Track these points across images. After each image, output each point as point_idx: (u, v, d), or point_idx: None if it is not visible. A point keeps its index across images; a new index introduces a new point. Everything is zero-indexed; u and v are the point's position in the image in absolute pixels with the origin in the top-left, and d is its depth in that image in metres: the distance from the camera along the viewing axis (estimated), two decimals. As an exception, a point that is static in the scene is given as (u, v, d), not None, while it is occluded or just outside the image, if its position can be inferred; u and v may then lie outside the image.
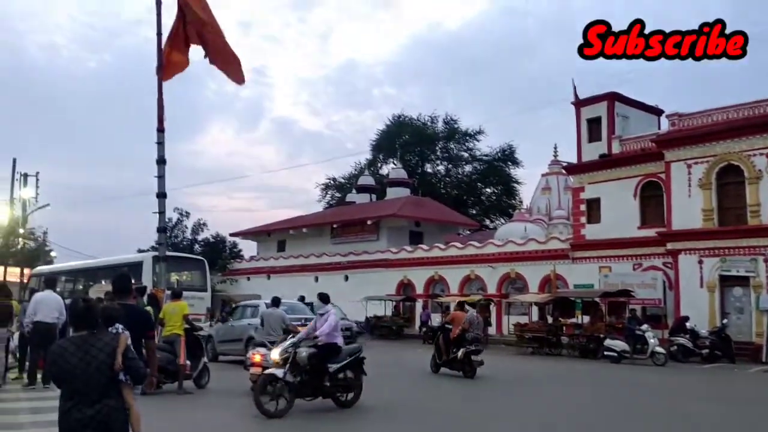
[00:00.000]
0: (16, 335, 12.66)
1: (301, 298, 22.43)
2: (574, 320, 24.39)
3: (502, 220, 50.61)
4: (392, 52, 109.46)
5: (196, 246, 46.01)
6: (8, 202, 34.60)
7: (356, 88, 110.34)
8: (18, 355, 12.71)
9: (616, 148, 27.74)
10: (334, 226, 42.22)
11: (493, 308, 30.08)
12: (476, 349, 14.59)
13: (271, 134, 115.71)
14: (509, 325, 26.49)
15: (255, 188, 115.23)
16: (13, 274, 33.72)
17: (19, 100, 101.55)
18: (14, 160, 33.60)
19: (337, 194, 58.11)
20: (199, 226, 48.55)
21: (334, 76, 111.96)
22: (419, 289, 34.44)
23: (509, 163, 55.80)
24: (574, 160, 30.25)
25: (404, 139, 55.68)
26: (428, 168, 58.42)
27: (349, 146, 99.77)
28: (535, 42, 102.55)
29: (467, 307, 17.55)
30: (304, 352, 9.62)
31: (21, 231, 37.79)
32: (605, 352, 19.68)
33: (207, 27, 14.08)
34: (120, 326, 5.53)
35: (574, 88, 29.68)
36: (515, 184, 55.37)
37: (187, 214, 48.08)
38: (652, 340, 19.19)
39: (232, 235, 48.63)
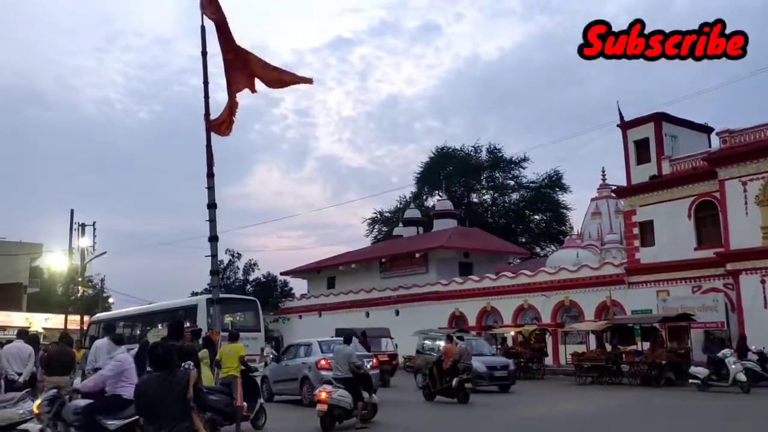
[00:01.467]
0: (78, 380, 12.95)
1: (363, 333, 23.04)
2: (633, 347, 23.67)
3: (553, 247, 49.83)
4: (432, 85, 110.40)
5: (248, 286, 46.56)
6: (67, 251, 35.72)
7: (398, 123, 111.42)
8: (81, 402, 12.96)
9: (666, 169, 27.17)
10: (383, 260, 42.21)
11: (548, 338, 29.44)
12: (468, 378, 16.36)
13: (316, 172, 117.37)
14: (566, 355, 25.86)
15: (302, 226, 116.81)
16: (74, 321, 34.64)
17: (76, 153, 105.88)
18: (72, 211, 34.78)
19: (384, 228, 58.23)
20: (250, 267, 49.20)
21: (376, 112, 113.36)
22: (471, 321, 34.01)
23: (557, 189, 55.11)
24: (623, 183, 29.73)
25: (448, 170, 55.65)
26: (474, 198, 58.17)
27: (393, 180, 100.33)
28: (575, 67, 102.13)
29: (456, 340, 19.14)
30: (74, 403, 8.15)
31: (80, 279, 38.93)
32: (690, 380, 18.97)
33: (250, 57, 14.50)
34: (191, 363, 7.25)
35: (619, 110, 29.35)
36: (564, 210, 54.58)
37: (239, 255, 48.84)
38: (733, 366, 18.16)
39: (282, 273, 49.11)
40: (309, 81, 15.35)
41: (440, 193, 52.51)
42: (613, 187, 32.96)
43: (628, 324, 24.55)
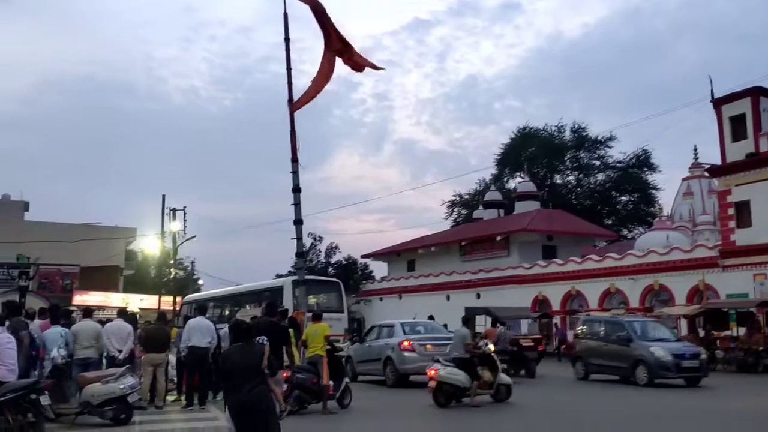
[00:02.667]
0: (174, 359, 13.55)
1: (430, 318, 22.54)
2: (728, 333, 22.63)
3: (641, 230, 48.11)
4: (513, 65, 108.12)
5: (330, 269, 47.43)
6: (159, 235, 37.34)
7: (477, 104, 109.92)
8: (176, 379, 13.57)
9: (764, 146, 25.67)
10: (463, 243, 41.93)
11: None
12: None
13: (395, 156, 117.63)
14: (656, 340, 24.96)
15: (381, 210, 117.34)
16: (167, 302, 36.23)
17: (166, 141, 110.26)
18: (163, 197, 36.25)
19: (464, 211, 57.78)
20: (331, 250, 50.18)
21: (455, 94, 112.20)
22: (555, 306, 33.37)
23: (645, 169, 53.03)
24: (717, 161, 28.30)
25: (530, 151, 54.53)
26: (557, 179, 56.81)
27: (472, 162, 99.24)
28: (665, 42, 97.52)
29: (498, 325, 19.63)
30: None
31: (171, 262, 40.67)
32: None
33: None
34: (264, 338, 8.37)
35: (712, 85, 27.89)
36: (653, 191, 52.46)
37: (321, 239, 49.87)
38: None
39: (363, 256, 49.68)
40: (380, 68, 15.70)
41: (522, 175, 51.58)
42: (707, 166, 31.40)
43: (723, 309, 23.50)
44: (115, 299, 37.42)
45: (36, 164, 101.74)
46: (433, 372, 12.48)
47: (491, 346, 13.49)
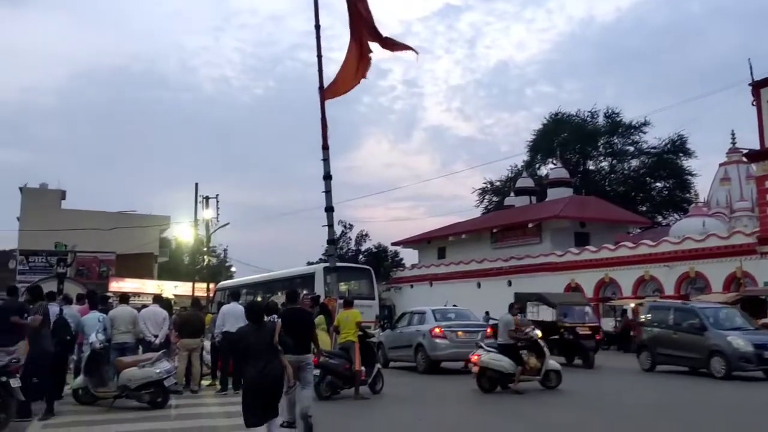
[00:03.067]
0: (208, 345, 13.74)
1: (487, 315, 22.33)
2: (765, 321, 22.14)
3: (677, 216, 47.22)
4: (544, 50, 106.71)
5: (360, 256, 47.54)
6: (193, 223, 37.81)
7: (508, 90, 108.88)
8: (210, 363, 13.77)
9: (806, 130, 24.98)
10: (494, 230, 41.66)
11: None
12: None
13: (424, 143, 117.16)
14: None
15: (411, 197, 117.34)
16: (200, 288, 36.73)
17: (198, 131, 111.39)
18: (196, 185, 36.59)
19: (495, 198, 57.34)
20: (361, 237, 50.28)
21: (485, 80, 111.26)
22: (588, 293, 32.96)
23: (680, 155, 51.93)
24: (755, 146, 27.62)
25: (563, 137, 53.79)
26: (590, 165, 55.99)
27: (503, 149, 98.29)
28: (702, 26, 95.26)
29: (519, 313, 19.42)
30: None
31: (205, 249, 41.17)
32: None
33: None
34: (275, 316, 9.31)
35: (751, 68, 27.18)
36: (689, 177, 51.36)
37: (351, 226, 49.98)
38: None
39: (393, 244, 49.69)
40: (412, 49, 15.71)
41: (554, 161, 50.98)
42: (745, 151, 30.68)
43: (761, 296, 22.99)
44: (149, 286, 38.09)
45: (73, 154, 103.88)
46: (475, 357, 12.68)
47: (538, 332, 13.52)
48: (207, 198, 37.13)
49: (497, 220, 44.33)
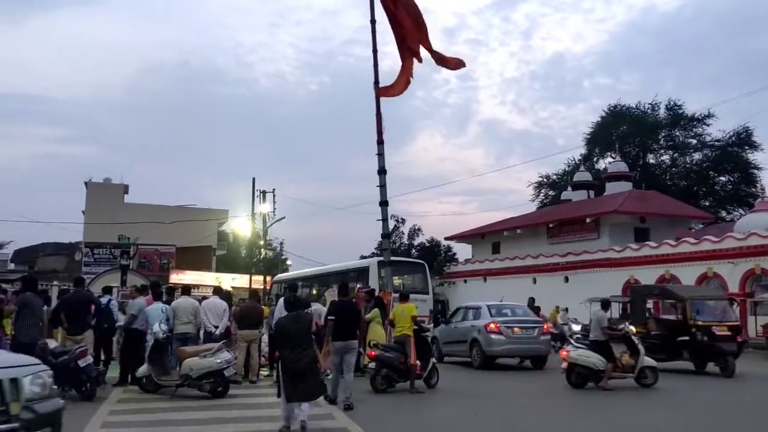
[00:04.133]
0: (266, 336, 13.97)
1: (531, 300, 22.21)
2: None
3: (742, 211, 45.54)
4: (602, 40, 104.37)
5: (413, 251, 47.51)
6: (250, 217, 38.50)
7: (565, 82, 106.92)
8: (268, 355, 13.99)
9: None
10: (551, 225, 41.01)
11: (736, 308, 27.13)
12: None
13: (478, 137, 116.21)
14: (756, 327, 23.75)
15: (464, 192, 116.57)
16: (257, 281, 37.40)
17: (255, 126, 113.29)
18: (254, 179, 37.31)
19: (551, 192, 56.43)
20: (414, 232, 50.26)
21: (541, 72, 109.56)
22: (648, 289, 32.19)
23: (746, 148, 49.96)
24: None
25: (622, 129, 52.48)
26: (651, 159, 54.48)
27: (559, 143, 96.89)
28: (766, 12, 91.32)
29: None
30: None
31: (261, 243, 41.89)
32: None
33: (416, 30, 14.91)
34: (311, 309, 11.78)
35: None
36: (755, 170, 49.38)
37: (403, 221, 50.01)
38: None
39: (447, 238, 49.41)
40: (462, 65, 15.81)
41: (613, 155, 49.79)
42: (817, 143, 29.34)
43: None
44: (208, 278, 38.96)
45: (135, 148, 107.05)
46: (564, 353, 12.91)
47: (632, 328, 13.41)
48: (264, 192, 37.77)
49: (553, 214, 43.62)
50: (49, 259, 56.43)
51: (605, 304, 13.61)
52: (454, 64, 16.50)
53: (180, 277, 36.85)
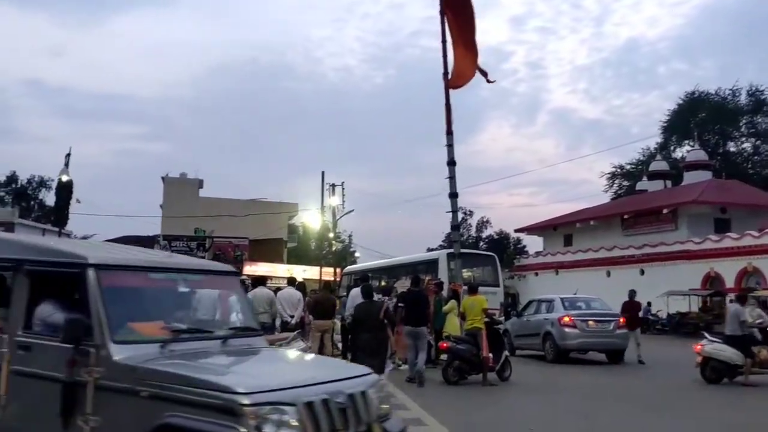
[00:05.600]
0: (338, 326, 14.19)
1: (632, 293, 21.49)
2: None
3: (832, 201, 43.11)
4: (678, 24, 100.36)
5: (481, 243, 47.18)
6: (320, 209, 39.05)
7: (639, 69, 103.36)
8: (341, 344, 14.21)
9: None
10: (625, 216, 39.87)
11: None
12: None
13: (548, 127, 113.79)
14: None
15: (534, 183, 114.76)
16: (327, 273, 37.93)
17: (322, 120, 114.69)
18: (323, 173, 37.77)
19: (625, 183, 54.88)
20: (482, 224, 49.90)
21: (613, 59, 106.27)
22: (729, 282, 30.87)
23: (837, 134, 47.38)
24: None
25: (700, 117, 50.53)
26: (731, 147, 52.30)
27: (633, 131, 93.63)
28: None
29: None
30: None
31: (331, 235, 42.44)
32: None
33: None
34: (384, 297, 13.18)
35: None
36: None
37: (471, 213, 49.69)
38: None
39: (517, 230, 48.86)
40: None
41: (691, 143, 47.97)
42: None
43: None
44: (280, 269, 39.76)
45: (208, 144, 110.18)
46: (699, 347, 12.73)
47: None
48: (333, 185, 38.20)
49: (628, 205, 42.42)
50: (129, 251, 58.68)
51: (742, 299, 13.27)
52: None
53: (253, 269, 37.75)
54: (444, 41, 16.91)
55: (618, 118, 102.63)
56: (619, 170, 56.72)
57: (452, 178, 16.74)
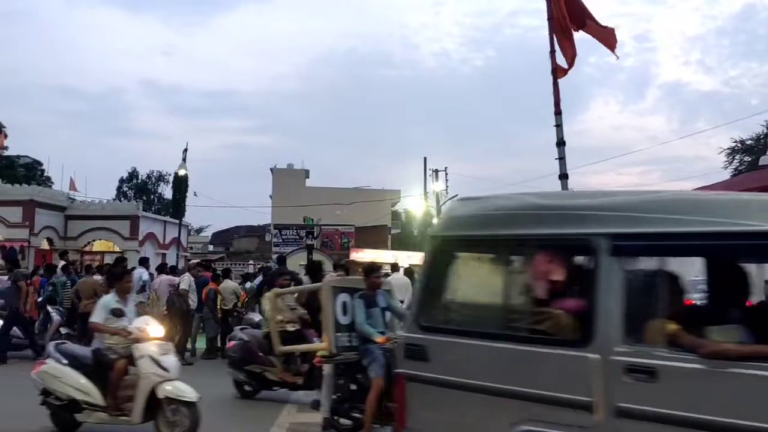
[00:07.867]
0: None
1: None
2: None
3: None
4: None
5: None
6: (423, 195, 39.10)
7: (757, 36, 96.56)
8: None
9: None
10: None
11: None
12: None
13: (659, 102, 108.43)
14: None
15: (645, 161, 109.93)
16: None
17: (422, 106, 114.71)
18: (425, 159, 37.78)
19: (746, 158, 51.35)
20: (592, 205, 48.18)
21: (729, 27, 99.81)
22: None
23: None
24: None
25: (832, 84, 46.47)
26: None
27: (753, 103, 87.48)
28: None
29: None
30: None
31: (435, 221, 42.41)
32: None
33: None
34: None
35: None
36: None
37: (579, 194, 48.10)
38: None
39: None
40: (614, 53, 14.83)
41: (822, 113, 44.26)
42: None
43: None
44: (386, 256, 40.18)
45: (313, 134, 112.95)
46: None
47: None
48: (436, 171, 38.14)
49: (751, 182, 39.51)
50: (242, 240, 61.38)
51: None
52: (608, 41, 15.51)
53: (359, 256, 38.32)
54: (550, 17, 16.43)
55: (735, 90, 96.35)
56: (739, 145, 53.13)
57: (562, 158, 16.21)
